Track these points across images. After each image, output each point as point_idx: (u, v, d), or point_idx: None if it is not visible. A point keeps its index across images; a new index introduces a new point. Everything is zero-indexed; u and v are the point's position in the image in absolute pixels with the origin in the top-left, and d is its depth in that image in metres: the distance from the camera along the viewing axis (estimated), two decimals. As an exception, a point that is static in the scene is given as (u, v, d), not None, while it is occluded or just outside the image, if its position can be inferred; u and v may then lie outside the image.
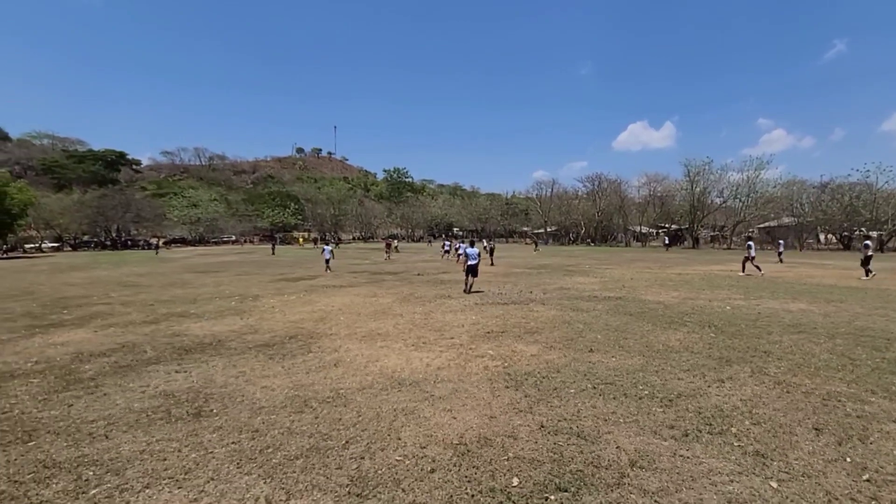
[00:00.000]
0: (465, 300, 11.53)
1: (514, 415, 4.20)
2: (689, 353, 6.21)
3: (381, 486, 3.03)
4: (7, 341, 7.60)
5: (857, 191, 40.82)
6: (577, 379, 5.18)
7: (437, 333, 7.73)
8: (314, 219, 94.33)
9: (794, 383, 4.93)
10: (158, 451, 3.57)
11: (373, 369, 5.73)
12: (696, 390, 4.77)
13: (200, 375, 5.56)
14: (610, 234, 65.11)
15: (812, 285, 13.98)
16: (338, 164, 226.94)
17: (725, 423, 3.93)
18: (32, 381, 5.39)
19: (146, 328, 8.52)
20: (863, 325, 7.78)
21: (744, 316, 8.89)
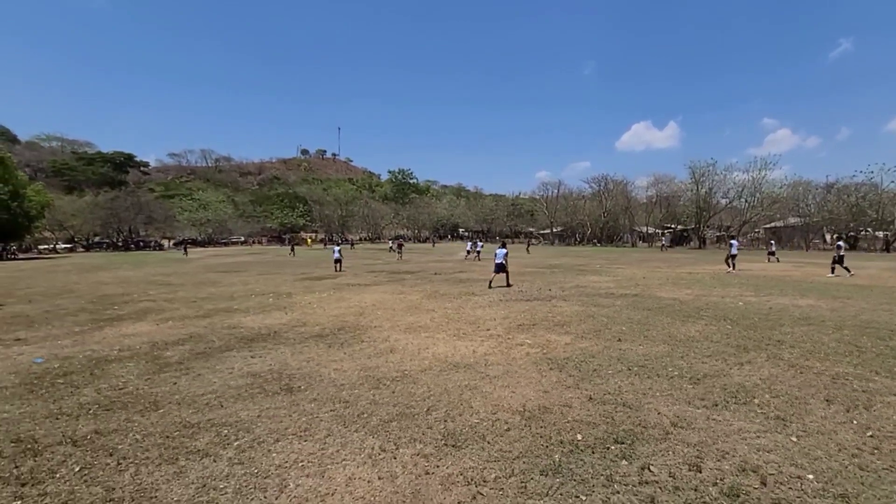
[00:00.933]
0: (490, 297, 12.20)
1: (564, 390, 4.87)
2: (708, 342, 6.85)
3: (469, 440, 3.71)
4: (82, 332, 8.33)
5: (862, 191, 41.26)
6: (611, 363, 5.84)
7: (473, 326, 8.40)
8: (322, 220, 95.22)
9: (806, 366, 5.58)
10: (272, 416, 4.26)
11: (426, 355, 6.41)
12: (720, 371, 5.42)
13: (274, 360, 6.25)
14: (616, 234, 65.62)
15: (819, 283, 14.57)
16: (342, 165, 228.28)
17: (748, 396, 4.58)
18: (129, 365, 6.10)
19: (202, 321, 9.23)
20: (868, 319, 8.40)
21: (756, 310, 9.51)
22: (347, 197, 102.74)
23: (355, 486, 3.06)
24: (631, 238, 63.08)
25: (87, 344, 7.39)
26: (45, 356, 6.59)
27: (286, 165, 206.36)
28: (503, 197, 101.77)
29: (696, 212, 51.22)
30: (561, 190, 73.48)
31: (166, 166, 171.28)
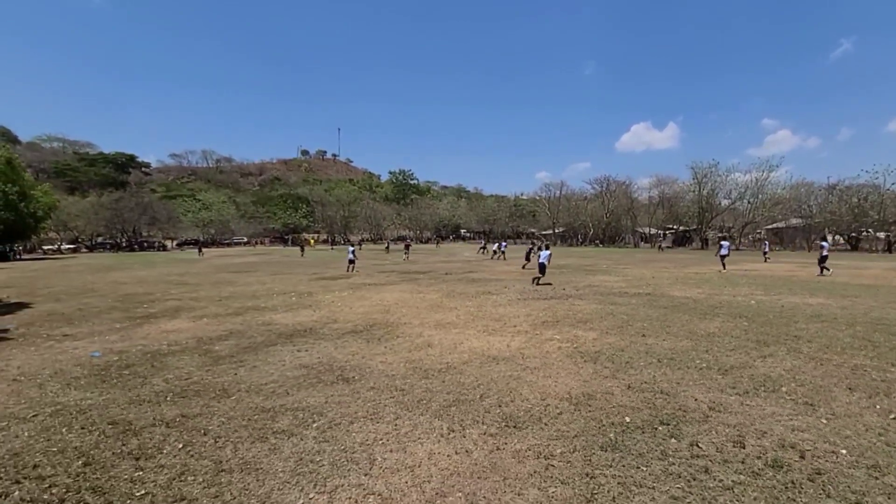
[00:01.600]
0: (508, 295, 12.56)
1: (602, 380, 5.23)
2: (729, 338, 7.22)
3: (527, 422, 4.07)
4: (124, 329, 8.68)
5: (864, 192, 41.68)
6: (641, 356, 6.20)
7: (499, 323, 8.76)
8: (324, 220, 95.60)
9: (825, 359, 5.94)
10: (338, 402, 4.62)
11: (463, 349, 6.76)
12: (745, 363, 5.78)
13: (320, 353, 6.60)
14: (618, 235, 66.04)
15: (826, 283, 14.94)
16: (342, 166, 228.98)
17: (775, 385, 4.94)
18: (184, 358, 6.45)
19: (236, 319, 9.58)
20: (878, 316, 8.77)
21: (769, 308, 9.88)
22: (350, 198, 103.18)
23: (436, 459, 3.42)
24: (633, 239, 63.50)
25: (133, 339, 7.73)
26: (100, 350, 6.93)
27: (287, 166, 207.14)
28: (505, 198, 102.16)
29: (699, 213, 51.67)
30: (563, 191, 73.89)
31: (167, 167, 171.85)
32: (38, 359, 6.50)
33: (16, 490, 3.03)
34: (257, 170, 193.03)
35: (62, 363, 6.25)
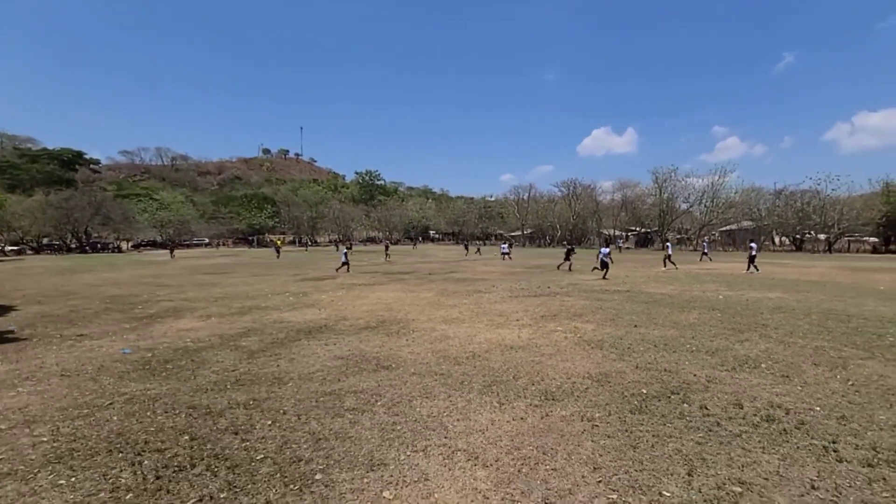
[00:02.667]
0: (499, 293, 13.31)
1: (612, 362, 6.02)
2: (708, 326, 8.22)
3: (562, 396, 4.77)
4: (134, 329, 8.79)
5: (807, 197, 45.51)
6: (638, 342, 7.06)
7: (502, 318, 9.46)
8: (290, 221, 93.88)
9: (790, 342, 6.99)
10: (390, 385, 5.17)
11: (479, 340, 7.41)
12: (726, 347, 6.73)
13: (348, 347, 7.08)
14: (584, 236, 68.54)
15: (780, 280, 16.59)
16: (306, 165, 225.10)
17: (755, 363, 5.87)
18: (218, 353, 6.78)
19: (244, 318, 9.83)
20: (828, 307, 10.08)
21: (736, 302, 11.08)
22: (317, 198, 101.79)
23: (499, 424, 4.06)
24: (598, 240, 66.07)
25: (154, 338, 7.92)
26: (129, 348, 7.12)
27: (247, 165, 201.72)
28: (474, 199, 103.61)
29: (659, 215, 54.60)
30: (531, 193, 75.90)
31: (118, 164, 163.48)
32: (69, 356, 6.65)
33: (145, 460, 3.44)
34: (216, 168, 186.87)
35: (97, 360, 6.45)
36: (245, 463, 3.38)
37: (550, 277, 18.58)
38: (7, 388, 5.23)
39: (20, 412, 4.45)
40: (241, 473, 3.23)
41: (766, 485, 3.01)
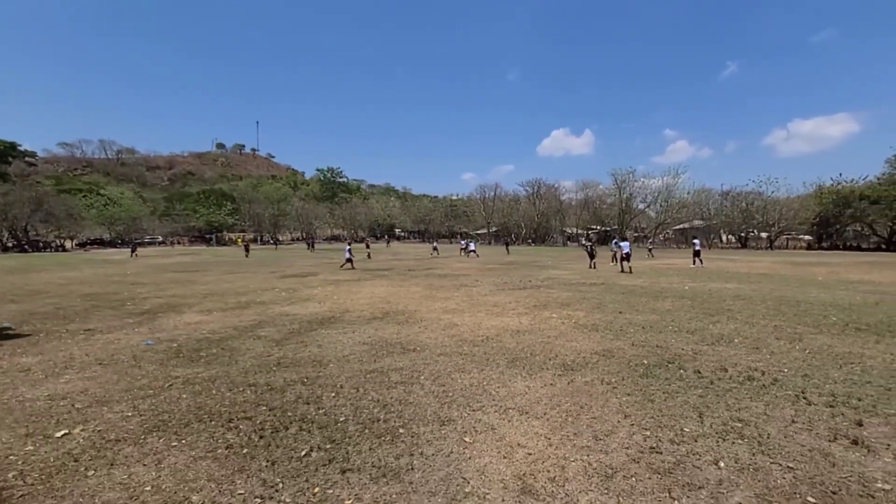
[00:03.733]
0: (485, 287, 14.05)
1: (611, 341, 6.86)
2: (683, 311, 9.28)
3: (578, 367, 5.52)
4: (139, 324, 8.86)
5: (751, 198, 49.37)
6: (627, 326, 7.96)
7: (498, 308, 10.19)
8: (251, 219, 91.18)
9: (754, 322, 8.10)
10: (424, 364, 5.75)
11: (486, 326, 8.09)
12: (703, 327, 7.74)
13: (365, 334, 7.57)
14: (547, 234, 70.83)
15: (733, 273, 18.30)
16: (263, 161, 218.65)
17: (729, 339, 6.88)
18: (245, 341, 7.10)
19: (247, 311, 10.05)
20: (779, 295, 11.47)
21: (700, 292, 12.34)
22: (279, 195, 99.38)
23: (534, 389, 4.74)
24: (561, 238, 68.57)
25: (167, 331, 8.08)
26: (152, 339, 7.30)
27: (200, 160, 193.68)
28: (440, 198, 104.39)
29: (619, 214, 57.44)
30: (497, 192, 77.53)
31: (56, 157, 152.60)
32: (93, 348, 6.78)
33: (240, 425, 3.88)
34: (166, 163, 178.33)
35: (124, 350, 6.63)
36: (331, 424, 3.89)
37: (527, 272, 19.54)
38: (53, 376, 5.41)
39: (85, 395, 4.71)
40: (333, 431, 3.74)
41: (758, 421, 3.86)
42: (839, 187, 45.21)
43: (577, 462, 3.22)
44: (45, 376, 5.38)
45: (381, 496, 2.81)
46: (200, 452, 3.40)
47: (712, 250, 45.00)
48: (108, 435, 3.72)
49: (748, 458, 3.24)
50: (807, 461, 3.18)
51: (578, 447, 3.45)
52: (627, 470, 3.10)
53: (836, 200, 43.43)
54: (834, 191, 44.94)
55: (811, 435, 3.60)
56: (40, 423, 3.96)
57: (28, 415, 4.18)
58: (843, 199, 43.13)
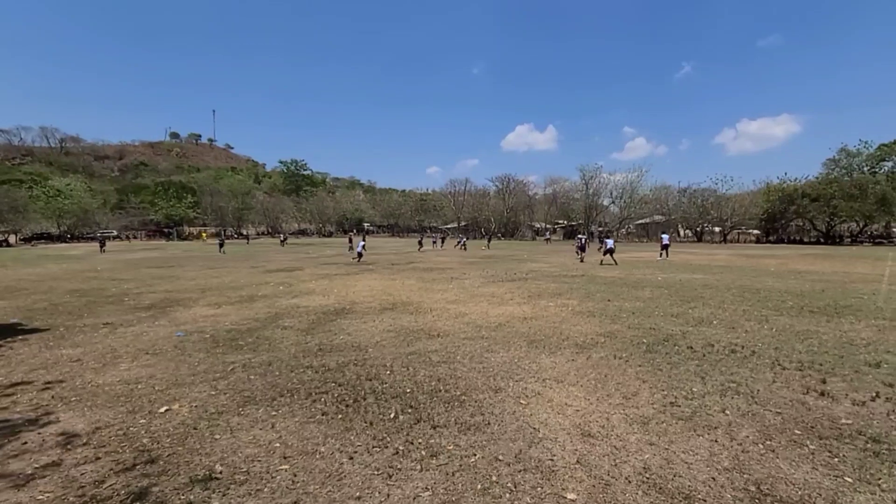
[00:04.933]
0: (475, 280, 14.82)
1: (610, 325, 7.77)
2: (663, 299, 10.37)
3: (590, 346, 6.36)
4: (153, 317, 9.07)
5: (706, 195, 52.67)
6: (619, 312, 8.92)
7: (496, 298, 10.97)
8: (214, 212, 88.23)
9: (725, 307, 9.26)
10: (454, 347, 6.43)
11: (493, 315, 8.85)
12: (684, 312, 8.81)
13: (386, 323, 8.16)
14: (516, 229, 72.54)
15: (696, 265, 19.91)
16: (221, 152, 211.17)
17: (708, 321, 7.94)
18: (275, 330, 7.55)
19: (257, 304, 10.38)
20: (741, 284, 12.86)
21: (673, 282, 13.59)
22: (243, 188, 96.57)
23: (558, 364, 5.54)
24: (530, 232, 70.45)
25: (188, 323, 8.37)
26: (183, 331, 7.61)
27: (153, 150, 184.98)
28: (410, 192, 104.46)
29: (585, 210, 59.74)
30: (467, 187, 78.56)
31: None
32: (125, 341, 7.05)
33: (322, 397, 4.45)
34: (116, 153, 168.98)
35: (160, 341, 6.95)
36: (401, 395, 4.53)
37: (508, 266, 20.46)
38: (109, 365, 5.73)
39: (155, 379, 5.12)
40: (406, 400, 4.39)
41: (747, 382, 4.80)
42: (784, 186, 48.99)
43: (617, 414, 4.02)
44: (102, 365, 5.70)
45: (474, 443, 3.51)
46: (303, 419, 3.97)
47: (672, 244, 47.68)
48: (207, 409, 4.21)
49: (746, 407, 4.14)
50: (789, 407, 4.12)
51: (614, 404, 4.25)
52: (658, 418, 3.92)
53: (782, 198, 47.09)
54: (780, 189, 48.65)
55: (789, 390, 4.56)
56: (136, 403, 4.39)
57: (115, 397, 4.57)
58: (787, 196, 46.81)
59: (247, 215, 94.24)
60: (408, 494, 2.83)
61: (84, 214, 76.16)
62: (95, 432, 3.74)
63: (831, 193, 42.90)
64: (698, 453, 3.32)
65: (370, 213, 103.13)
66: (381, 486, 2.92)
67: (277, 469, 3.13)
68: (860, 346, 6.20)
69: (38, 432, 3.74)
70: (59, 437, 3.64)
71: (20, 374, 5.37)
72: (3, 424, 3.90)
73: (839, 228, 47.80)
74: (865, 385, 4.67)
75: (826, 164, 50.70)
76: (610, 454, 3.32)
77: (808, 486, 2.88)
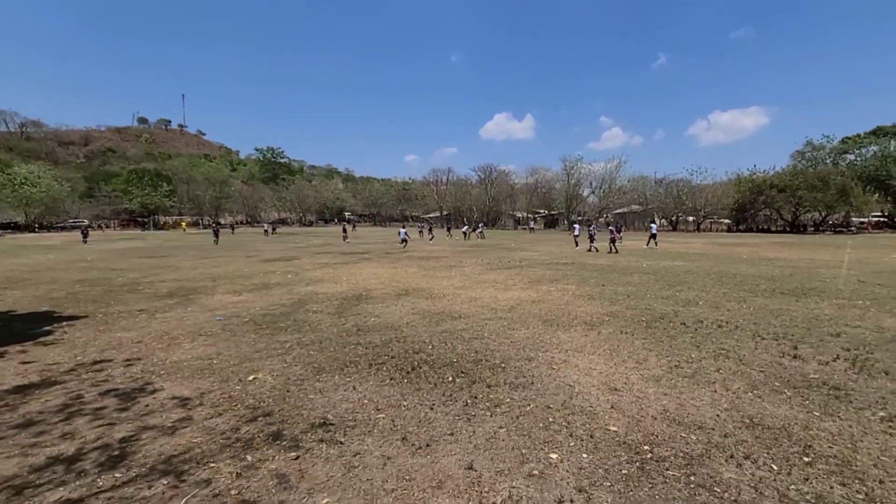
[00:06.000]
0: (474, 267, 15.65)
1: (610, 306, 8.71)
2: (651, 284, 11.41)
3: (597, 324, 7.27)
4: (181, 304, 9.58)
5: (682, 185, 54.79)
6: (615, 295, 9.89)
7: (500, 284, 11.82)
8: (191, 201, 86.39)
9: (707, 290, 10.34)
10: (477, 326, 7.23)
11: (502, 299, 9.69)
12: (672, 294, 9.84)
13: (408, 307, 8.90)
14: (498, 218, 73.70)
15: (676, 253, 21.23)
16: (193, 138, 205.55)
17: (695, 302, 8.97)
18: (306, 315, 8.19)
19: (275, 291, 10.94)
20: (718, 270, 14.08)
21: (658, 269, 14.72)
22: (222, 176, 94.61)
23: (575, 339, 6.41)
24: (511, 222, 71.73)
25: (220, 309, 8.92)
26: (222, 315, 8.18)
27: (121, 136, 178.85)
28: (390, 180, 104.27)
29: (567, 199, 61.26)
30: (449, 177, 79.15)
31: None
32: (171, 325, 7.60)
33: (382, 367, 5.19)
34: (81, 138, 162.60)
35: (206, 325, 7.52)
36: (451, 363, 5.32)
37: (500, 254, 21.36)
38: (173, 346, 6.32)
39: (224, 356, 5.76)
40: (456, 367, 5.18)
41: (734, 349, 5.77)
42: (754, 177, 51.37)
43: (634, 375, 4.91)
44: (166, 345, 6.29)
45: (525, 397, 4.33)
46: (376, 383, 4.71)
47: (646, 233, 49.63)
48: (289, 377, 4.91)
49: (735, 367, 5.09)
50: (770, 367, 5.09)
51: (629, 367, 5.15)
52: (667, 377, 4.83)
53: (752, 188, 49.41)
54: (750, 180, 51.01)
55: (768, 354, 5.55)
56: (222, 374, 5.04)
57: (199, 370, 5.21)
58: (757, 187, 49.15)
59: (224, 204, 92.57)
60: (488, 431, 3.63)
61: (53, 203, 73.54)
62: (203, 396, 4.40)
63: (797, 185, 45.31)
64: (703, 400, 4.22)
65: (351, 202, 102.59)
66: (465, 426, 3.72)
67: (376, 417, 3.89)
68: (824, 320, 7.29)
69: (153, 397, 4.38)
70: (174, 401, 4.29)
71: (94, 353, 5.92)
72: (117, 392, 4.52)
73: (803, 218, 50.54)
74: (828, 350, 5.70)
75: (793, 156, 53.39)
76: (635, 402, 4.20)
77: (787, 419, 3.81)
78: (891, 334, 6.39)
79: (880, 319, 7.29)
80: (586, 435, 3.56)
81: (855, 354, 5.47)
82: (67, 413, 4.01)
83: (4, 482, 2.94)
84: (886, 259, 17.23)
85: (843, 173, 46.03)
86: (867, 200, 47.71)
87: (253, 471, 3.05)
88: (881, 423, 3.72)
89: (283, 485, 2.87)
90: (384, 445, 3.41)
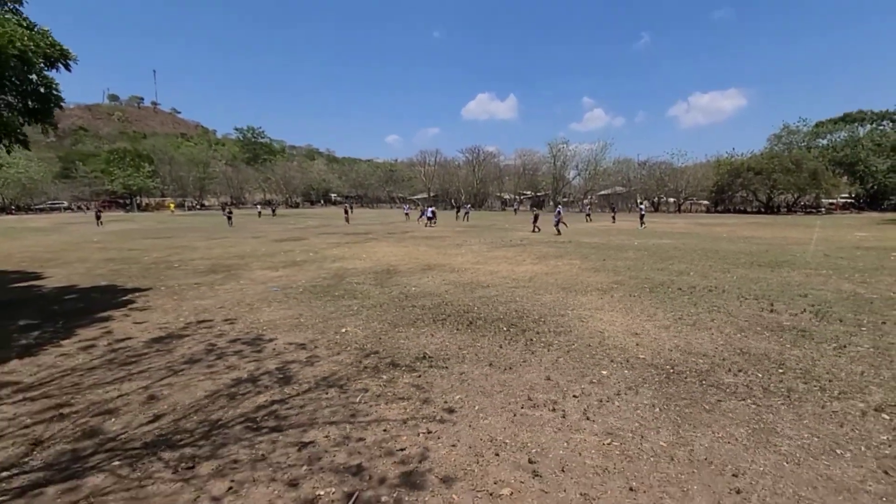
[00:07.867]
0: (480, 245, 16.85)
1: (615, 277, 10.03)
2: (645, 259, 12.80)
3: (608, 290, 8.56)
4: (228, 279, 10.52)
5: (664, 167, 56.82)
6: (616, 268, 11.22)
7: (511, 260, 13.05)
8: (174, 181, 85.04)
9: (695, 264, 11.77)
10: (506, 293, 8.45)
11: (519, 272, 10.92)
12: (665, 267, 11.22)
13: (438, 279, 10.06)
14: (485, 200, 74.90)
15: (662, 232, 22.81)
16: (168, 117, 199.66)
17: (686, 273, 10.36)
18: (354, 286, 9.28)
19: (309, 266, 11.94)
20: (702, 247, 15.59)
21: (648, 246, 16.17)
22: (203, 157, 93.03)
23: (592, 301, 7.69)
24: (499, 203, 73.04)
25: (269, 282, 9.92)
26: (277, 286, 9.21)
27: (92, 113, 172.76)
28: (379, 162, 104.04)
29: (553, 181, 62.77)
30: (437, 158, 79.68)
31: None
32: (234, 295, 8.60)
33: (445, 322, 6.38)
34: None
35: (267, 295, 8.55)
36: (499, 319, 6.53)
37: (497, 234, 22.61)
38: (254, 309, 7.37)
39: (307, 315, 6.85)
40: (505, 322, 6.39)
41: (724, 306, 7.13)
42: (732, 160, 53.61)
43: (648, 324, 6.21)
44: (249, 310, 7.33)
45: (568, 340, 5.58)
46: (448, 332, 5.90)
47: (632, 213, 51.63)
48: (374, 329, 6.05)
49: (725, 318, 6.44)
50: (753, 318, 6.45)
51: (643, 320, 6.45)
52: (674, 326, 6.14)
53: (730, 171, 51.67)
54: (728, 163, 53.25)
55: (751, 310, 6.93)
56: (317, 328, 6.15)
57: (294, 326, 6.30)
58: (735, 170, 51.40)
59: (208, 185, 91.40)
60: (551, 359, 4.87)
61: (31, 183, 71.66)
62: (313, 342, 5.52)
63: (772, 168, 47.61)
64: (704, 339, 5.54)
65: (336, 183, 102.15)
66: (531, 357, 4.95)
67: (461, 352, 5.09)
68: (794, 285, 8.74)
69: (274, 344, 5.48)
70: (293, 345, 5.40)
71: (191, 316, 6.94)
72: (242, 341, 5.59)
73: (777, 200, 53.15)
74: (797, 306, 7.11)
75: (770, 139, 55.80)
76: (654, 341, 5.49)
77: (767, 349, 5.15)
78: (846, 295, 7.85)
79: (839, 284, 8.78)
80: (623, 360, 4.83)
81: (818, 309, 6.89)
82: (216, 355, 5.09)
83: (214, 393, 4.05)
84: (849, 237, 19.09)
85: (815, 158, 48.44)
86: (836, 183, 50.39)
87: (393, 384, 4.23)
88: (833, 350, 5.09)
89: (421, 390, 4.05)
90: (478, 368, 4.62)
